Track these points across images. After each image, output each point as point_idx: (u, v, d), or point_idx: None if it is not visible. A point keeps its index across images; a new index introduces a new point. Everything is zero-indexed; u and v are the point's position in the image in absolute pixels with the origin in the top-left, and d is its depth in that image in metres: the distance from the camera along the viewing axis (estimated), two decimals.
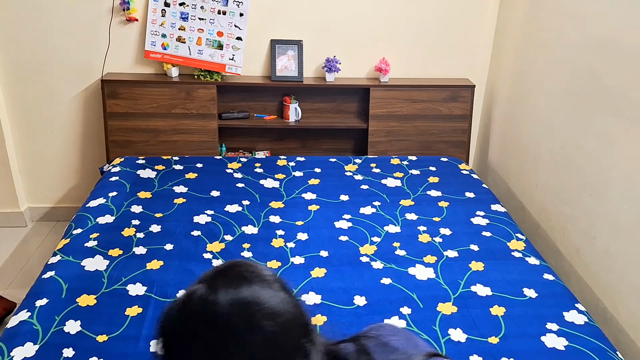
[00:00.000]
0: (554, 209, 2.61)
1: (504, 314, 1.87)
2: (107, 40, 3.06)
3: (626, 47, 2.10)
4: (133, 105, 3.06)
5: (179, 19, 3.04)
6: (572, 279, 2.43)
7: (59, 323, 1.73)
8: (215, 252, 2.15)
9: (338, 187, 2.71)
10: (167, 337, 0.76)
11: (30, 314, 1.76)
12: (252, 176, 2.79)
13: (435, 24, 3.19)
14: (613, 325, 2.14)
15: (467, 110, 3.24)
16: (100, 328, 1.73)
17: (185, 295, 0.77)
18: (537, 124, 2.79)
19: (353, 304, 1.89)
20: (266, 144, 3.37)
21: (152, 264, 2.05)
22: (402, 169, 2.92)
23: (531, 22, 2.86)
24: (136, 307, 1.83)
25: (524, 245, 2.28)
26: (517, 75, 3.01)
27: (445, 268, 2.11)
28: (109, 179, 2.67)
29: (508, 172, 3.13)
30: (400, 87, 3.18)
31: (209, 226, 2.32)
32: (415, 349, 0.94)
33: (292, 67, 3.17)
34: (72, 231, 2.25)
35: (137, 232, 2.25)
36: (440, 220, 2.44)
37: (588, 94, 2.35)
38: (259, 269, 0.82)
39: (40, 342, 1.65)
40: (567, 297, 1.98)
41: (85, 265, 2.01)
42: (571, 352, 1.72)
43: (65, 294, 1.87)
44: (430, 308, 1.88)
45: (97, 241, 2.16)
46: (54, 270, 1.98)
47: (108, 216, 2.34)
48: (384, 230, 2.35)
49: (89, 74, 3.12)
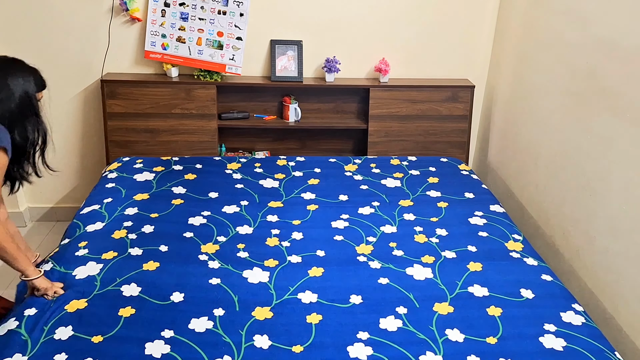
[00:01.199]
0: (553, 209, 2.60)
1: (501, 314, 1.86)
2: (107, 40, 3.06)
3: (626, 47, 2.09)
4: (133, 106, 3.06)
5: (179, 19, 3.04)
6: (571, 280, 2.42)
7: (48, 332, 1.71)
8: (210, 254, 2.14)
9: (337, 187, 2.70)
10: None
11: (18, 323, 1.74)
12: (252, 176, 2.79)
13: (435, 24, 3.19)
14: (613, 326, 2.13)
15: (467, 110, 3.23)
16: (93, 329, 1.73)
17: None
18: (537, 124, 2.78)
19: (349, 303, 1.89)
20: (266, 144, 3.37)
21: (149, 265, 2.05)
22: (401, 170, 2.91)
23: (531, 22, 2.85)
24: (129, 307, 1.82)
25: (522, 245, 2.27)
26: (517, 76, 3.00)
27: (443, 268, 2.10)
28: (104, 185, 2.64)
29: (508, 173, 3.12)
30: (400, 87, 3.17)
31: (202, 227, 2.31)
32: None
33: (292, 68, 3.17)
34: (61, 242, 2.23)
35: (129, 233, 2.23)
36: (438, 220, 2.43)
37: (588, 94, 2.34)
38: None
39: (30, 354, 1.63)
40: (564, 297, 1.97)
41: (77, 274, 1.98)
42: (569, 353, 1.71)
43: (53, 303, 1.84)
44: (426, 308, 1.88)
45: (88, 249, 2.12)
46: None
47: (99, 223, 2.30)
48: (380, 230, 2.34)
49: (88, 74, 3.12)
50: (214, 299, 1.88)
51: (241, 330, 1.75)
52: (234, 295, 1.91)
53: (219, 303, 1.86)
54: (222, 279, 1.98)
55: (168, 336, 1.71)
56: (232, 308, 1.84)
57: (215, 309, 1.83)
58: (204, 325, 1.76)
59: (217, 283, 1.96)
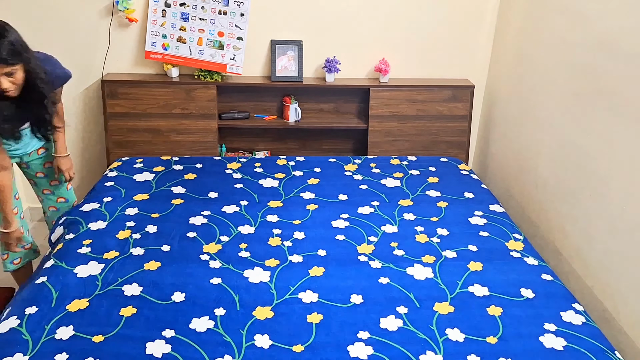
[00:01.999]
0: (553, 209, 2.60)
1: (501, 314, 1.86)
2: (107, 40, 3.06)
3: (626, 47, 2.09)
4: (133, 106, 3.07)
5: (180, 19, 3.04)
6: (571, 279, 2.42)
7: (49, 332, 1.71)
8: (212, 253, 2.14)
9: (337, 187, 2.71)
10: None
11: (19, 322, 1.74)
12: (252, 176, 2.79)
13: (435, 24, 3.19)
14: (612, 325, 2.14)
15: (467, 110, 3.23)
16: (95, 329, 1.73)
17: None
18: (537, 124, 2.78)
19: (349, 303, 1.89)
20: (266, 144, 3.37)
21: (150, 264, 2.05)
22: (401, 169, 2.91)
23: (531, 22, 2.85)
24: (130, 307, 1.83)
25: (522, 245, 2.27)
26: (517, 76, 3.01)
27: (443, 268, 2.10)
28: (104, 184, 2.65)
29: (508, 172, 3.12)
30: (400, 87, 3.17)
31: (205, 227, 2.32)
32: None
33: (292, 68, 3.17)
34: (65, 236, 2.25)
35: (133, 233, 2.25)
36: (438, 220, 2.44)
37: (588, 94, 2.34)
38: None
39: (30, 353, 1.63)
40: (565, 297, 1.97)
41: (78, 272, 1.99)
42: (570, 353, 1.71)
43: (55, 302, 1.84)
44: (426, 307, 1.88)
45: (90, 247, 2.13)
46: (46, 276, 1.96)
47: (100, 222, 2.32)
48: (381, 230, 2.35)
49: (89, 74, 3.13)
50: (215, 299, 1.88)
51: (242, 329, 1.75)
52: (235, 294, 1.91)
53: (219, 303, 1.86)
54: (223, 279, 1.98)
55: (169, 336, 1.71)
56: (233, 308, 1.85)
57: (216, 308, 1.84)
58: (205, 324, 1.76)
59: (218, 283, 1.96)
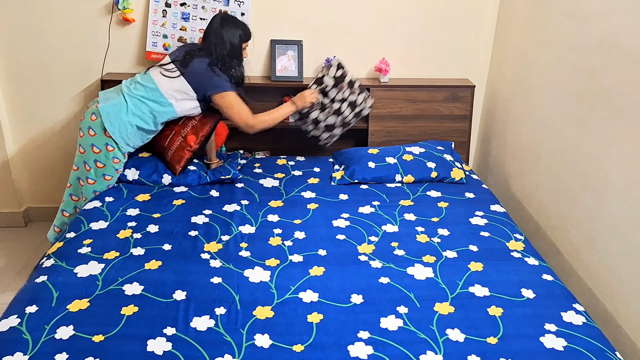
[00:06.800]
0: (554, 209, 2.60)
1: (502, 314, 1.86)
2: (107, 40, 3.06)
3: (626, 47, 2.09)
4: None
5: (180, 19, 3.04)
6: (572, 279, 2.42)
7: (50, 332, 1.70)
8: (212, 253, 2.14)
9: (337, 187, 2.71)
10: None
11: (19, 321, 1.74)
12: (252, 176, 2.79)
13: (435, 24, 3.19)
14: (613, 326, 2.14)
15: (467, 110, 3.23)
16: (95, 329, 1.72)
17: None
18: (537, 124, 2.78)
19: (350, 303, 1.89)
20: (266, 144, 3.37)
21: (151, 264, 2.05)
22: None
23: (531, 22, 2.85)
24: (132, 306, 1.83)
25: (523, 245, 2.27)
26: (517, 76, 3.01)
27: (444, 268, 2.10)
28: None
29: (508, 172, 3.12)
30: (400, 87, 3.17)
31: (206, 226, 2.32)
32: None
33: (292, 68, 3.17)
34: (65, 234, 2.25)
35: (134, 232, 2.25)
36: (439, 220, 2.44)
37: (588, 94, 2.34)
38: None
39: (30, 353, 1.62)
40: (565, 297, 1.96)
41: (78, 272, 1.99)
42: (570, 353, 1.70)
43: (55, 302, 1.84)
44: (427, 308, 1.88)
45: (91, 247, 2.13)
46: (46, 275, 1.96)
47: (102, 222, 2.32)
48: (382, 229, 2.34)
49: (88, 74, 3.12)
50: (216, 298, 1.88)
51: (242, 329, 1.75)
52: (236, 294, 1.91)
53: (220, 302, 1.86)
54: (224, 278, 1.98)
55: (170, 334, 1.71)
56: (233, 307, 1.84)
57: (216, 307, 1.83)
58: (206, 323, 1.76)
59: (218, 282, 1.96)
